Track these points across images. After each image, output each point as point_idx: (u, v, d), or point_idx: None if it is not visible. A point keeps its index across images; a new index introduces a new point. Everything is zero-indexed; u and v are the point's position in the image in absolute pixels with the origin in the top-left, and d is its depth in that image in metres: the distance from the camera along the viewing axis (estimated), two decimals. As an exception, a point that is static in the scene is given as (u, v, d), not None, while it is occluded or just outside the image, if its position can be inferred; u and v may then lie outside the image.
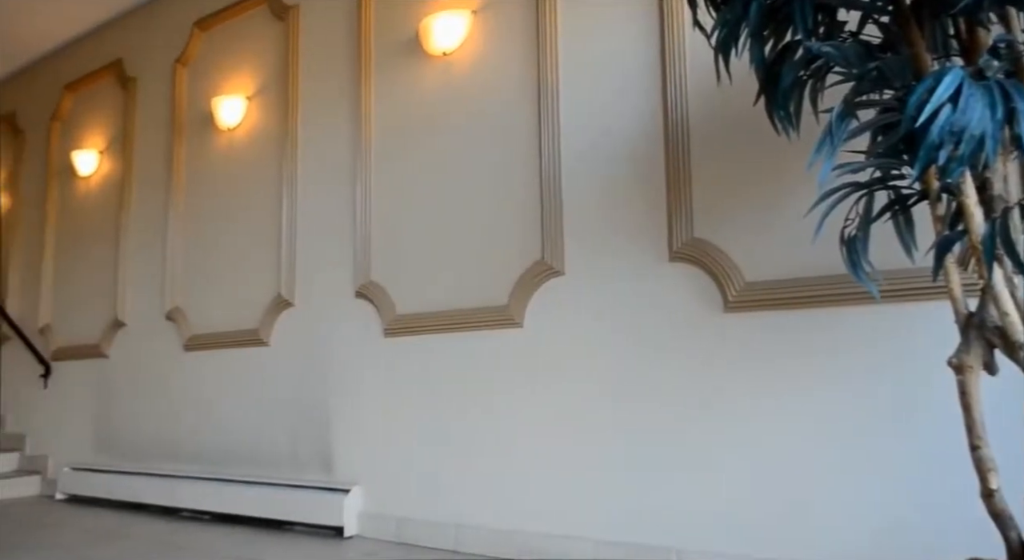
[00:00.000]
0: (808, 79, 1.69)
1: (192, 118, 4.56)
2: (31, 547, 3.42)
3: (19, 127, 5.91)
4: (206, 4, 4.53)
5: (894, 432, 2.23)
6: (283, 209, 3.95)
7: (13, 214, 5.87)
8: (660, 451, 2.64)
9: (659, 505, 2.62)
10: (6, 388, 5.68)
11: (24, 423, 5.46)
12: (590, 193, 2.92)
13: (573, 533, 2.79)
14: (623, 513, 2.69)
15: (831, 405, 2.34)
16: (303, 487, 3.58)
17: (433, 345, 3.29)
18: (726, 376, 2.54)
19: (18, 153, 5.91)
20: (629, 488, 2.69)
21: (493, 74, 3.25)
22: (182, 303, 4.45)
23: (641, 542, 2.63)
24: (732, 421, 2.51)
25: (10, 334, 5.59)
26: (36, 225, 5.63)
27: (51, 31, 5.29)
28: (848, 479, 2.29)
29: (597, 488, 2.76)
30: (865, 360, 2.30)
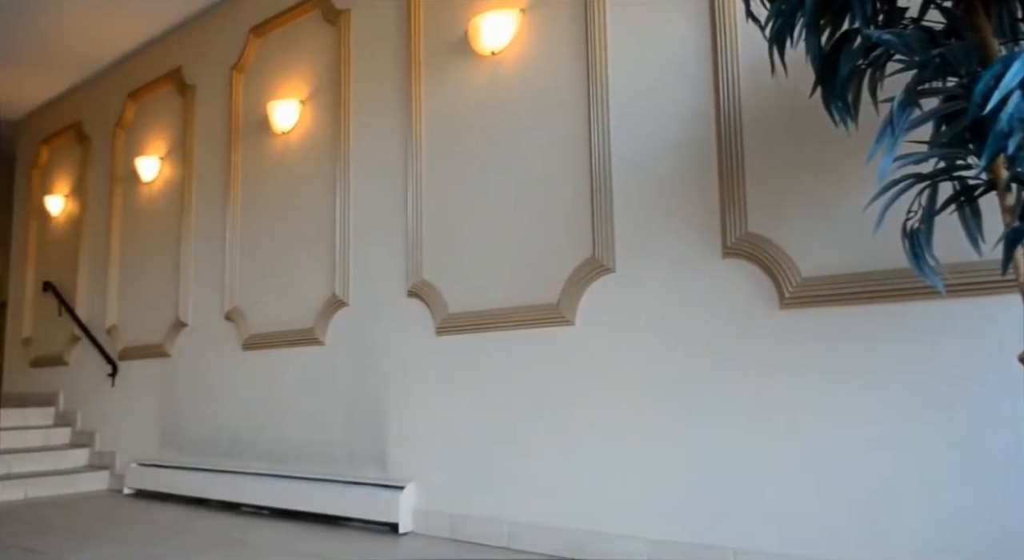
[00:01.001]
0: (867, 68, 1.65)
1: (248, 123, 4.67)
2: (100, 540, 3.55)
3: (85, 134, 6.15)
4: (260, 11, 4.63)
5: (962, 431, 2.16)
6: (336, 210, 4.02)
7: (81, 219, 6.10)
8: (716, 450, 2.60)
9: (716, 505, 2.58)
10: (77, 387, 5.92)
11: (93, 420, 5.68)
12: (641, 189, 2.89)
13: (626, 532, 2.78)
14: (678, 512, 2.66)
15: (894, 404, 2.27)
16: (359, 484, 3.64)
17: (485, 343, 3.30)
18: (783, 374, 2.49)
19: (85, 160, 6.14)
20: (684, 487, 2.66)
21: (542, 72, 3.25)
22: (240, 303, 4.57)
23: (697, 542, 2.60)
24: (790, 419, 2.46)
25: (80, 335, 5.82)
26: (102, 230, 5.84)
27: (115, 42, 5.48)
28: (913, 479, 2.22)
29: (651, 487, 2.74)
30: (929, 357, 2.22)
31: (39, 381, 6.38)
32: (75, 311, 5.91)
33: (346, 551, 3.16)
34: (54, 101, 6.58)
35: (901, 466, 2.24)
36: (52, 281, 6.28)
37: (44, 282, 6.35)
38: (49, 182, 6.64)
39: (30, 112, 6.89)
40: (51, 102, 6.61)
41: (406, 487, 3.46)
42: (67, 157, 6.45)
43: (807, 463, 2.41)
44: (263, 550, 3.25)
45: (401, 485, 3.48)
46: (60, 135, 6.49)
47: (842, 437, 2.35)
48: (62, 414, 5.99)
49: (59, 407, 6.04)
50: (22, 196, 7.04)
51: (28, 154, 6.98)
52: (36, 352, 6.49)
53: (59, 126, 6.50)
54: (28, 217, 6.86)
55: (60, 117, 6.51)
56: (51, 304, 6.24)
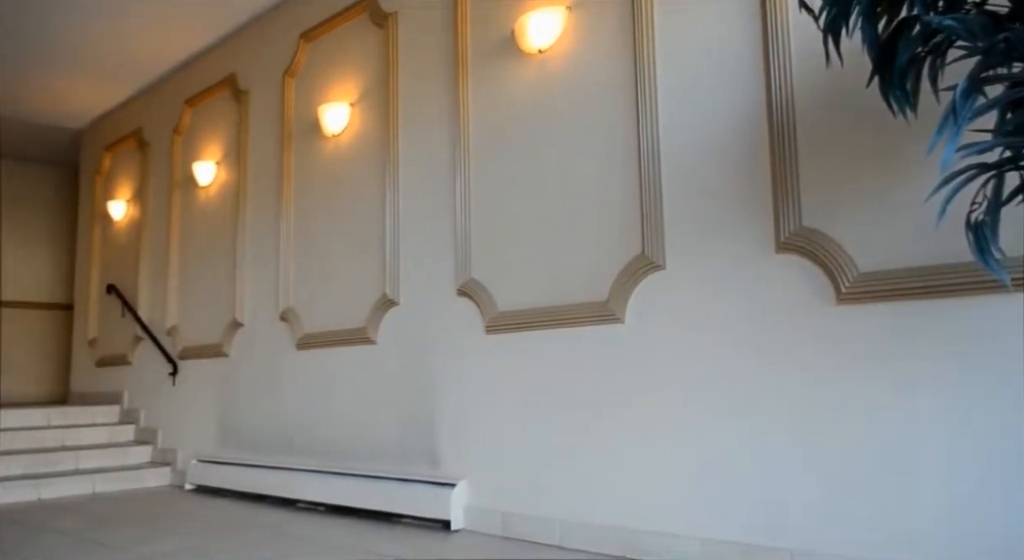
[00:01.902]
0: (926, 56, 1.59)
1: (300, 126, 4.76)
2: (164, 534, 3.67)
3: (146, 141, 6.35)
4: (310, 16, 4.72)
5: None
6: (386, 211, 4.07)
7: (142, 223, 6.30)
8: (771, 449, 2.56)
9: (771, 505, 2.54)
10: (140, 385, 6.12)
11: (156, 418, 5.87)
12: (690, 185, 2.85)
13: (680, 532, 2.74)
14: (733, 512, 2.62)
15: (957, 401, 2.20)
16: (411, 481, 3.68)
17: (535, 342, 3.31)
18: (839, 371, 2.43)
19: (145, 166, 6.35)
20: (739, 487, 2.62)
21: (589, 69, 3.23)
22: (294, 304, 4.66)
23: (753, 542, 2.56)
24: (847, 418, 2.40)
25: (142, 336, 6.02)
26: (162, 233, 6.02)
27: (172, 51, 5.65)
28: (982, 480, 2.15)
29: (705, 486, 2.71)
30: (995, 352, 2.14)
31: (105, 380, 6.62)
32: (137, 312, 6.11)
33: (400, 547, 3.20)
34: (116, 109, 6.81)
35: (966, 467, 2.17)
36: (115, 283, 6.51)
37: (108, 284, 6.59)
38: (112, 188, 6.88)
39: (94, 120, 7.15)
40: (113, 110, 6.85)
41: (457, 485, 3.49)
42: (128, 163, 6.67)
43: (865, 462, 2.35)
44: (320, 546, 3.31)
45: (453, 482, 3.51)
46: (122, 142, 6.72)
47: (903, 437, 2.29)
48: (126, 412, 6.20)
49: (124, 405, 6.25)
50: (87, 202, 7.31)
51: (92, 161, 7.24)
52: (101, 352, 6.73)
53: (121, 133, 6.73)
54: (92, 222, 7.12)
55: (122, 125, 6.74)
56: (115, 306, 6.46)
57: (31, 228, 8.21)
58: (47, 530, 3.80)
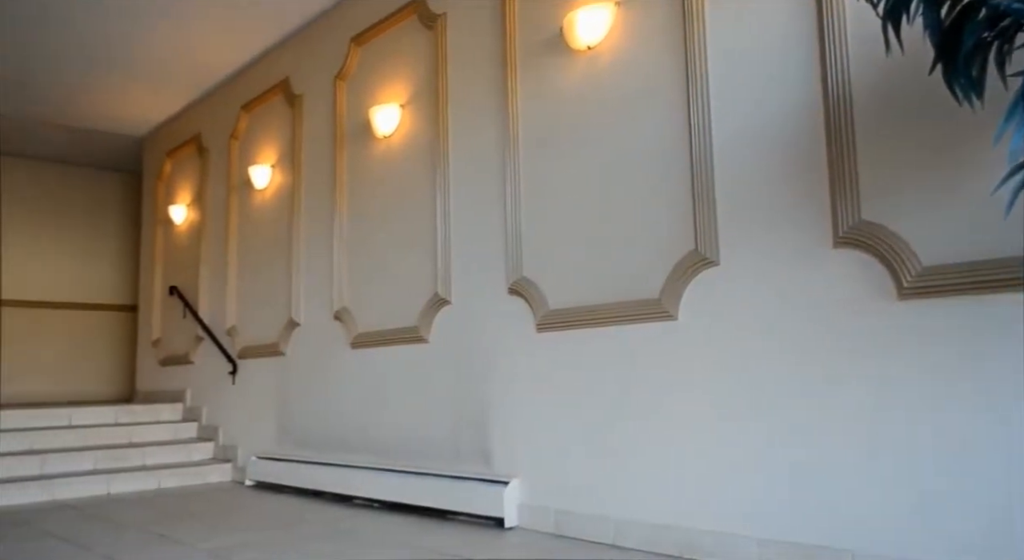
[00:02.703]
0: (993, 41, 1.54)
1: (351, 129, 4.84)
2: (226, 529, 3.77)
3: (204, 146, 6.53)
4: (361, 20, 4.78)
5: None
6: (437, 210, 4.10)
7: (201, 226, 6.49)
8: (830, 449, 2.50)
9: (831, 505, 2.48)
10: (202, 384, 6.31)
11: (217, 416, 6.04)
12: (744, 179, 2.81)
13: (736, 531, 2.70)
14: (790, 512, 2.57)
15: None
16: (464, 479, 3.70)
17: (587, 339, 3.29)
18: (901, 367, 2.36)
19: (204, 170, 6.53)
20: (796, 486, 2.57)
21: (638, 64, 3.20)
22: (348, 303, 4.73)
23: (811, 542, 2.50)
24: (910, 416, 2.33)
25: (203, 336, 6.20)
26: (220, 235, 6.19)
27: (229, 58, 5.80)
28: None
29: (762, 486, 2.66)
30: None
31: (168, 379, 6.84)
32: (198, 313, 6.29)
33: (454, 544, 3.23)
34: (176, 116, 7.03)
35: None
36: (177, 285, 6.72)
37: (170, 286, 6.80)
38: (172, 192, 7.10)
39: (155, 128, 7.39)
40: (173, 117, 7.06)
41: (510, 482, 3.50)
42: (188, 168, 6.87)
43: (931, 463, 2.27)
44: (376, 542, 3.36)
45: (506, 480, 3.52)
46: (182, 148, 6.92)
47: (968, 435, 2.21)
48: (189, 410, 6.39)
49: (186, 403, 6.45)
50: (149, 206, 7.55)
51: (154, 167, 7.49)
52: (165, 352, 6.96)
53: (180, 139, 6.94)
54: (155, 226, 7.36)
55: (181, 131, 6.95)
56: (177, 307, 6.67)
57: (98, 232, 8.54)
58: (118, 524, 3.94)
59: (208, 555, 3.16)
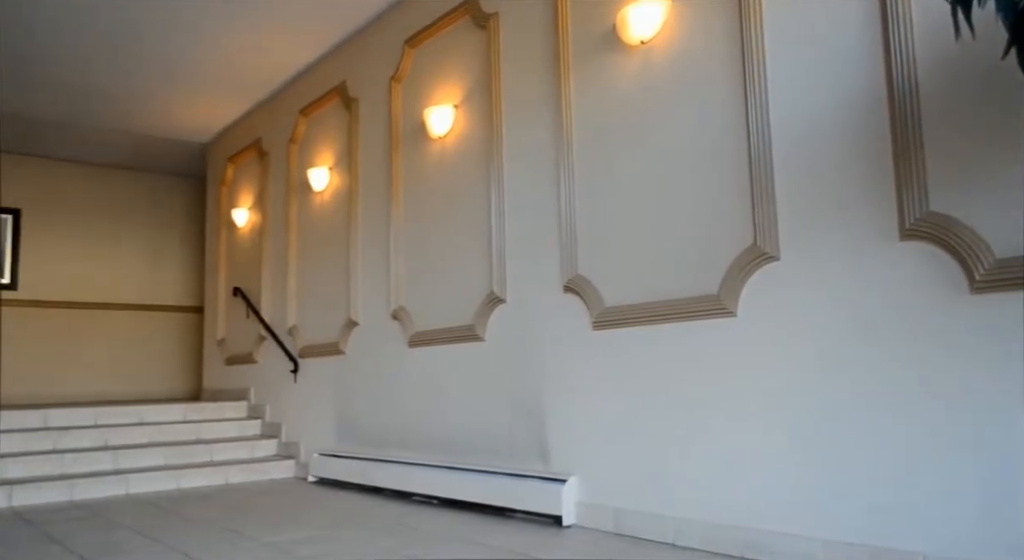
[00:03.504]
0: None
1: (406, 130, 4.89)
2: (291, 523, 3.86)
3: (264, 151, 6.70)
4: (414, 22, 4.83)
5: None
6: (491, 209, 4.12)
7: (263, 229, 6.66)
8: (899, 449, 2.42)
9: (900, 507, 2.40)
10: (265, 383, 6.47)
11: (280, 413, 6.18)
12: (804, 172, 2.74)
13: (801, 532, 2.64)
14: (857, 514, 2.50)
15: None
16: (522, 476, 3.71)
17: (643, 337, 3.26)
18: (972, 365, 2.27)
19: (264, 174, 6.70)
20: (864, 487, 2.49)
21: (693, 57, 3.16)
22: (405, 303, 4.79)
23: (879, 544, 2.43)
24: (982, 415, 2.24)
25: (266, 335, 6.36)
26: (281, 237, 6.34)
27: (287, 63, 5.93)
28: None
29: (826, 486, 2.59)
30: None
31: (233, 378, 7.04)
32: (261, 313, 6.46)
33: (513, 541, 3.24)
34: (237, 122, 7.22)
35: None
36: (240, 286, 6.91)
37: (234, 288, 7.00)
38: (235, 196, 7.30)
39: (218, 134, 7.61)
40: (235, 123, 7.26)
41: (568, 480, 3.49)
42: (249, 172, 7.06)
43: (1001, 464, 2.18)
44: (436, 538, 3.39)
45: (563, 478, 3.51)
46: (243, 153, 7.11)
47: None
48: (253, 407, 6.57)
49: (250, 401, 6.63)
50: (213, 210, 7.78)
51: (217, 172, 7.71)
52: (229, 351, 7.16)
53: (242, 145, 7.13)
54: (218, 229, 7.58)
55: (243, 136, 7.14)
56: (240, 308, 6.86)
57: (165, 237, 8.84)
58: (187, 518, 4.08)
59: (273, 549, 3.24)
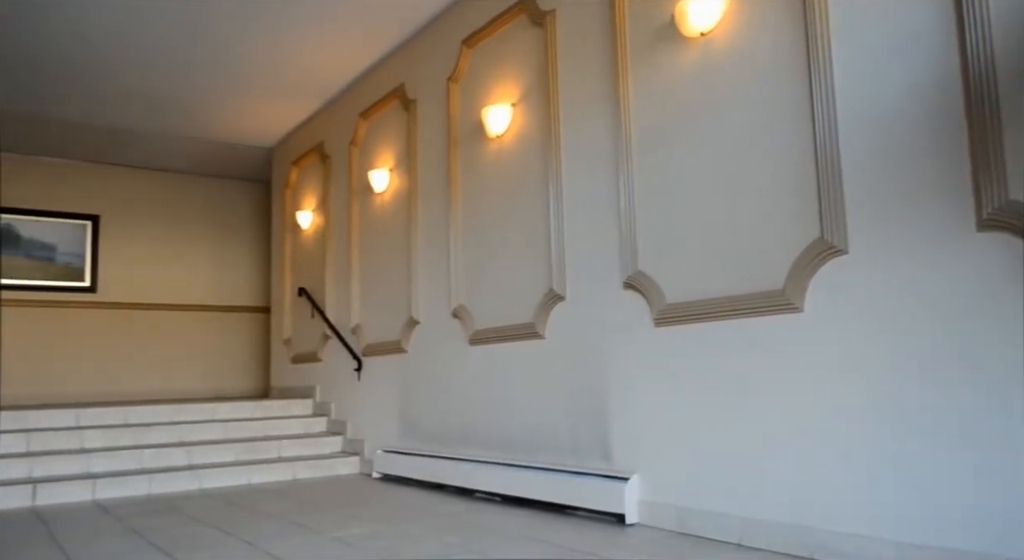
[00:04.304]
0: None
1: (464, 130, 4.93)
2: (357, 518, 3.94)
3: (327, 154, 6.84)
4: (471, 22, 4.87)
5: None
6: (550, 207, 4.11)
7: (326, 230, 6.80)
8: (975, 450, 2.32)
9: (979, 510, 2.30)
10: (330, 381, 6.62)
11: (344, 411, 6.31)
12: (873, 161, 2.65)
13: (873, 533, 2.56)
14: (932, 515, 2.41)
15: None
16: (583, 474, 3.70)
17: (707, 333, 3.21)
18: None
19: (327, 177, 6.84)
20: (938, 489, 2.40)
21: (755, 47, 3.09)
22: (465, 301, 4.83)
23: (959, 548, 2.33)
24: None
25: (330, 335, 6.49)
26: (344, 238, 6.47)
27: (347, 67, 6.04)
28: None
29: (899, 486, 2.50)
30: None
31: (299, 376, 7.22)
32: (325, 313, 6.60)
33: (577, 540, 3.23)
34: (300, 127, 7.40)
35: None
36: (305, 287, 7.08)
37: (299, 288, 7.18)
38: (299, 199, 7.48)
39: (281, 138, 7.81)
40: (298, 128, 7.44)
41: (631, 478, 3.46)
42: (312, 176, 7.22)
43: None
44: (499, 535, 3.41)
45: (626, 476, 3.49)
46: (306, 156, 7.28)
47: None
48: (319, 405, 6.72)
49: (316, 399, 6.78)
50: (278, 213, 7.99)
51: (281, 175, 7.91)
52: (295, 350, 7.35)
53: (305, 149, 7.30)
54: (284, 231, 7.78)
55: (305, 140, 7.31)
56: (305, 308, 7.03)
57: (234, 239, 9.12)
58: (258, 513, 4.20)
59: (341, 544, 3.31)
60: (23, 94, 6.34)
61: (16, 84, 6.12)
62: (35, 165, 8.09)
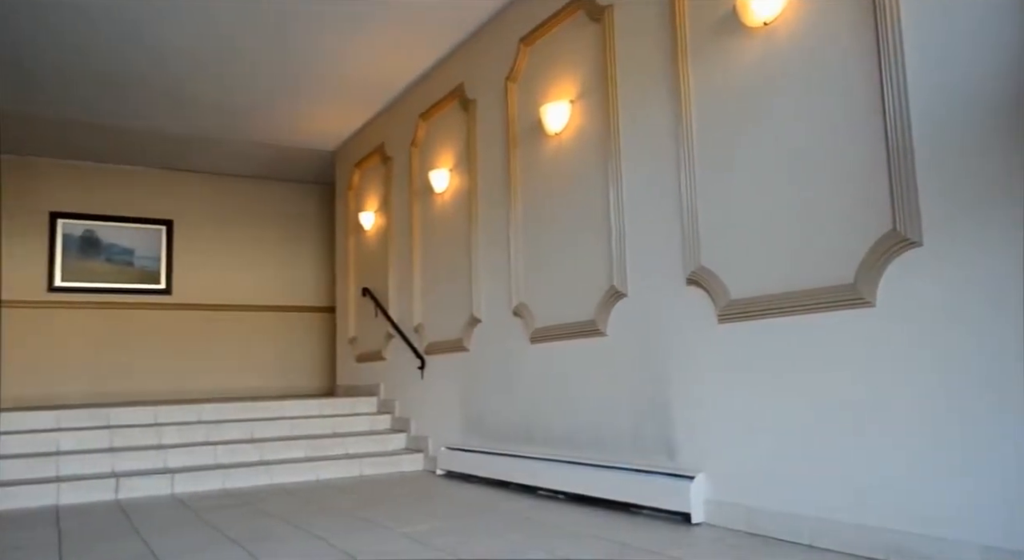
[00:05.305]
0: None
1: (523, 128, 4.94)
2: (422, 514, 3.99)
3: (388, 155, 6.94)
4: (529, 20, 4.87)
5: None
6: (610, 203, 4.09)
7: (388, 231, 6.91)
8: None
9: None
10: (393, 379, 6.72)
11: (408, 408, 6.41)
12: (950, 149, 2.55)
13: (955, 536, 2.46)
14: (1022, 518, 2.30)
15: None
16: (648, 472, 3.67)
17: (773, 329, 3.14)
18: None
19: (388, 178, 6.95)
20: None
21: (821, 34, 3.00)
22: (526, 299, 4.84)
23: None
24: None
25: (393, 333, 6.60)
26: (405, 238, 6.56)
27: (406, 69, 6.12)
28: None
29: (984, 487, 2.40)
30: None
31: (364, 374, 7.36)
32: (388, 312, 6.71)
33: (643, 538, 3.21)
34: (362, 129, 7.53)
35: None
36: (368, 287, 7.21)
37: (363, 288, 7.32)
38: (361, 201, 7.61)
39: (344, 141, 7.96)
40: (360, 130, 7.58)
41: (696, 477, 3.41)
42: (374, 177, 7.35)
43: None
44: (564, 533, 3.41)
45: (691, 475, 3.44)
46: (368, 158, 7.41)
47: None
48: (383, 403, 6.83)
49: (380, 396, 6.90)
50: (342, 215, 8.15)
51: (344, 178, 8.07)
52: (360, 349, 7.49)
53: (366, 151, 7.43)
54: (347, 233, 7.94)
55: (367, 142, 7.44)
56: (369, 307, 7.15)
57: (299, 241, 9.36)
58: (327, 508, 4.30)
59: (408, 540, 3.36)
60: (101, 107, 6.64)
61: (93, 98, 6.40)
62: (114, 173, 8.46)
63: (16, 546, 3.52)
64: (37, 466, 5.01)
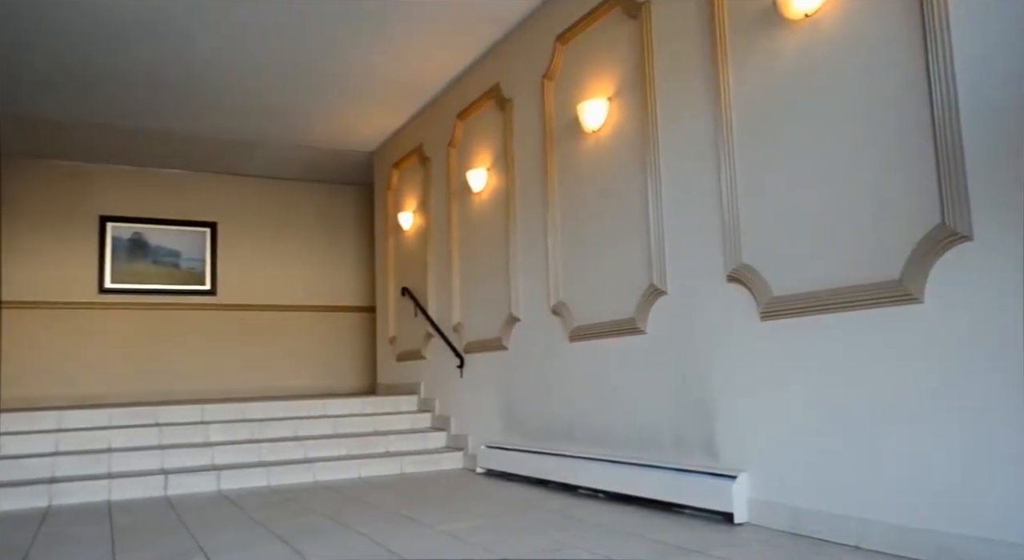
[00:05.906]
0: None
1: (560, 127, 4.93)
2: (463, 512, 4.02)
3: (426, 156, 6.99)
4: (565, 18, 4.86)
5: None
6: (649, 200, 4.06)
7: (426, 231, 6.96)
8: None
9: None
10: (433, 377, 6.77)
11: (448, 407, 6.44)
12: (999, 142, 2.47)
13: (1010, 538, 2.39)
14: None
15: None
16: (688, 471, 3.63)
17: (817, 327, 3.09)
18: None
19: (426, 179, 6.99)
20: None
21: (865, 25, 2.94)
22: (564, 297, 4.83)
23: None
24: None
25: (432, 333, 6.64)
26: (444, 238, 6.59)
27: (443, 70, 6.16)
28: None
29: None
30: None
31: (404, 373, 7.42)
32: (427, 312, 6.76)
33: (685, 538, 3.18)
34: (400, 130, 7.60)
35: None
36: (408, 286, 7.27)
37: (402, 288, 7.38)
38: (400, 201, 7.68)
39: (382, 142, 8.04)
40: (398, 131, 7.64)
41: (738, 476, 3.37)
42: (413, 178, 7.40)
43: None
44: (605, 531, 3.40)
45: (733, 474, 3.40)
46: (406, 159, 7.47)
47: None
48: (423, 401, 6.89)
49: (420, 395, 6.96)
50: (381, 215, 8.23)
51: (383, 178, 8.15)
52: (400, 348, 7.55)
53: (405, 151, 7.49)
54: (386, 233, 8.01)
55: (405, 143, 7.49)
56: (409, 307, 7.21)
57: (340, 241, 9.48)
58: (370, 505, 4.35)
59: (449, 537, 3.38)
60: (148, 113, 6.81)
61: (142, 104, 6.57)
62: (160, 177, 8.67)
63: (75, 540, 3.64)
64: (91, 463, 5.16)
